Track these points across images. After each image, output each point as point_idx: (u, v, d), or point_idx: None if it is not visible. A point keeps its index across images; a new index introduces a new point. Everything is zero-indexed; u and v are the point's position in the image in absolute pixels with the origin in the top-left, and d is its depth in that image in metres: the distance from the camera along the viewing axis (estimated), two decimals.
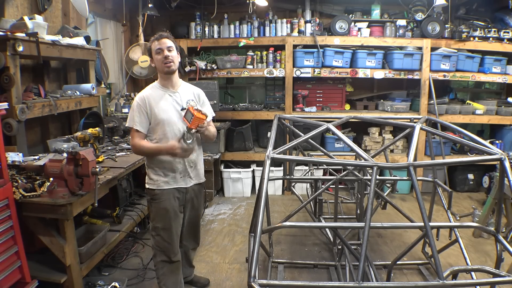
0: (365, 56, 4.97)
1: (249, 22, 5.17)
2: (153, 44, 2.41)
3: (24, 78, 2.94)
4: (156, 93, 2.43)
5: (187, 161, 2.48)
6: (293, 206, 4.66)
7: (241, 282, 3.02)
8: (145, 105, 2.38)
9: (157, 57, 2.38)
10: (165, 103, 2.41)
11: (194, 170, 2.55)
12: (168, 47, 2.38)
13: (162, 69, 2.39)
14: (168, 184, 2.45)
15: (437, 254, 1.63)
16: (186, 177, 2.51)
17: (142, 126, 2.38)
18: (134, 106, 2.40)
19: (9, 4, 2.99)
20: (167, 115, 2.39)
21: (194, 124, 2.24)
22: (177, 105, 2.45)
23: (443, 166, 4.80)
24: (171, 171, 2.45)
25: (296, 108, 5.20)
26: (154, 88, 2.47)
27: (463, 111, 5.09)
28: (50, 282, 2.39)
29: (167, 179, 2.45)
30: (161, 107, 2.39)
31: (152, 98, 2.40)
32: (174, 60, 2.39)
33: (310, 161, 3.65)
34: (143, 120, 2.39)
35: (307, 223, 3.81)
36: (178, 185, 2.48)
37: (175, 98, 2.45)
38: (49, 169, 2.27)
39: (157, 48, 2.38)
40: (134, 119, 2.38)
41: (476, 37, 4.94)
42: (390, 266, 2.26)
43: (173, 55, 2.39)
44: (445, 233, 2.87)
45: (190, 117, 2.23)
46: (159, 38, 2.39)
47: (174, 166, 2.45)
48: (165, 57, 2.35)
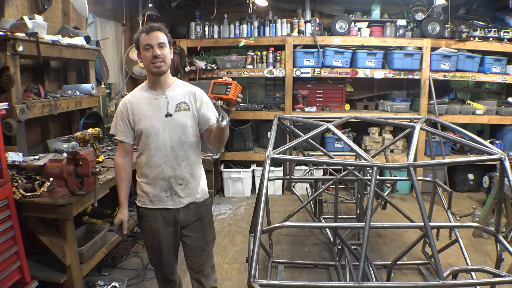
0: (365, 56, 4.97)
1: (249, 22, 5.17)
2: (141, 37, 1.98)
3: (24, 78, 2.94)
4: (142, 96, 2.06)
5: (173, 177, 2.04)
6: (293, 206, 4.66)
7: (241, 282, 3.02)
8: (126, 112, 2.05)
9: (145, 54, 1.97)
10: (148, 108, 2.02)
11: (186, 187, 2.08)
12: (160, 44, 1.96)
13: (149, 69, 1.99)
14: (152, 203, 2.08)
15: (437, 254, 1.63)
16: (173, 196, 2.07)
17: (125, 135, 2.06)
18: (117, 113, 2.10)
19: (9, 4, 2.99)
20: (148, 123, 2.00)
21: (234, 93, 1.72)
22: (163, 109, 2.02)
23: (443, 166, 4.81)
24: (153, 188, 2.06)
25: (296, 108, 5.20)
26: (140, 91, 2.10)
27: (463, 111, 5.09)
28: (50, 282, 2.39)
29: (150, 197, 2.08)
30: (143, 114, 2.02)
31: (134, 103, 2.05)
32: (165, 59, 1.98)
33: (310, 161, 3.66)
34: (125, 129, 2.06)
35: (307, 223, 3.81)
36: (165, 205, 2.08)
37: (161, 102, 2.03)
38: (49, 169, 2.26)
39: (145, 44, 1.96)
40: (117, 128, 2.08)
41: (476, 37, 4.94)
42: (390, 266, 2.26)
43: (164, 53, 1.97)
44: (445, 233, 2.87)
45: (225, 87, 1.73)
46: (149, 30, 1.96)
47: (157, 183, 2.05)
48: (155, 56, 1.94)
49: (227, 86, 1.72)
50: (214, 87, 1.76)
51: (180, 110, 2.05)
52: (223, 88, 1.73)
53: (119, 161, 2.10)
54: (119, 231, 2.12)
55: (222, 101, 1.73)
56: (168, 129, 2.01)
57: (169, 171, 2.03)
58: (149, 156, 2.03)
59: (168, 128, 2.01)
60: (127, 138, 2.08)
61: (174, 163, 2.04)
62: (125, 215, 2.11)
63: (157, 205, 2.08)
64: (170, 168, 2.03)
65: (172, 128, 2.02)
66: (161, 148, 2.01)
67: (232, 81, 1.73)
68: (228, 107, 1.75)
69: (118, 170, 2.11)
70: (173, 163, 2.03)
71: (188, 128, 2.05)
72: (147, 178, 2.06)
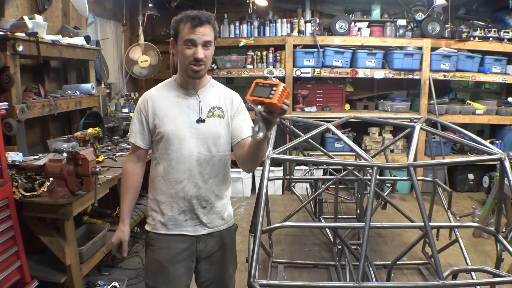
0: (365, 56, 4.97)
1: (249, 22, 5.17)
2: (184, 28, 1.57)
3: (24, 78, 2.94)
4: (167, 93, 1.71)
5: (196, 197, 1.68)
6: (293, 206, 4.66)
7: (241, 282, 3.02)
8: (146, 109, 1.70)
9: (185, 52, 1.57)
10: (174, 109, 1.67)
11: (210, 211, 1.71)
12: (206, 42, 1.57)
13: (185, 69, 1.62)
14: (165, 227, 1.69)
15: (437, 254, 1.63)
16: (194, 220, 1.70)
17: (140, 138, 1.72)
18: (135, 111, 1.76)
19: (9, 4, 2.99)
20: (173, 127, 1.64)
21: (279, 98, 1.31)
22: (192, 113, 1.66)
23: (443, 166, 4.81)
24: (169, 208, 1.69)
25: (296, 108, 5.20)
26: (166, 86, 1.74)
27: (463, 111, 5.09)
28: (50, 282, 2.39)
29: (164, 220, 1.69)
30: (167, 114, 1.66)
31: (157, 100, 1.69)
32: (207, 63, 1.62)
33: (310, 161, 3.66)
34: (142, 130, 1.72)
35: (307, 223, 3.81)
36: (182, 231, 1.69)
37: (191, 103, 1.68)
38: (49, 169, 2.26)
39: (187, 39, 1.56)
40: (132, 128, 1.75)
41: (476, 37, 4.95)
42: (390, 266, 2.26)
43: (208, 55, 1.61)
44: (445, 233, 2.87)
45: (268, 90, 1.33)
46: (196, 24, 1.54)
47: (175, 202, 1.68)
48: (196, 59, 1.57)
49: (272, 88, 1.34)
50: (255, 88, 1.39)
51: (213, 116, 1.69)
52: (266, 90, 1.35)
53: (129, 166, 1.77)
54: (118, 252, 1.77)
55: (263, 106, 1.35)
56: (196, 138, 1.65)
57: (192, 189, 1.67)
58: (168, 168, 1.66)
59: (196, 136, 1.65)
60: (142, 141, 1.72)
61: (199, 180, 1.67)
62: (125, 233, 1.75)
63: (171, 230, 1.69)
64: (193, 186, 1.67)
65: (201, 137, 1.65)
66: (185, 160, 1.64)
67: (279, 82, 1.37)
68: (270, 116, 1.34)
69: (126, 176, 1.77)
70: (198, 180, 1.67)
71: (221, 139, 1.69)
72: (163, 196, 1.69)
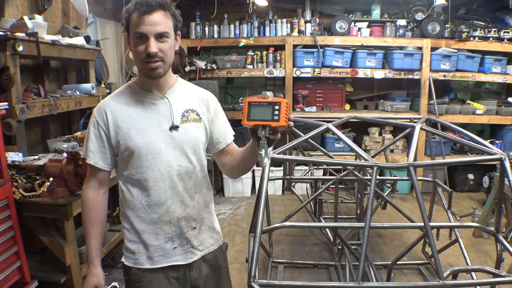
0: (365, 56, 4.97)
1: (249, 22, 5.17)
2: (133, 18, 1.32)
3: (24, 78, 2.94)
4: (128, 100, 1.42)
5: (183, 218, 1.45)
6: (293, 206, 4.66)
7: (241, 282, 3.02)
8: (104, 122, 1.39)
9: (137, 48, 1.33)
10: (141, 118, 1.40)
11: (199, 232, 1.51)
12: (159, 34, 1.31)
13: (141, 69, 1.38)
14: (151, 261, 1.44)
15: (437, 254, 1.62)
16: (184, 246, 1.47)
17: (101, 158, 1.42)
18: (89, 125, 1.43)
19: (9, 4, 2.99)
20: (144, 139, 1.38)
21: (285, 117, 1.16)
22: (163, 119, 1.41)
23: (443, 166, 4.80)
24: (153, 237, 1.44)
25: (296, 108, 5.20)
26: (126, 92, 1.45)
27: (463, 111, 5.09)
28: (50, 282, 2.39)
29: (149, 253, 1.44)
30: (133, 125, 1.39)
31: (118, 110, 1.40)
32: (165, 59, 1.35)
33: (310, 161, 3.66)
34: (102, 147, 1.41)
35: (307, 223, 3.81)
36: (171, 261, 1.46)
37: (160, 108, 1.42)
38: (49, 169, 2.26)
39: (136, 32, 1.31)
40: (88, 146, 1.42)
41: (476, 37, 4.94)
42: (390, 266, 2.26)
43: (165, 49, 1.33)
44: (445, 233, 2.87)
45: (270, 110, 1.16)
46: (145, 10, 1.29)
47: (160, 229, 1.43)
48: (148, 54, 1.31)
49: (274, 107, 1.15)
50: (251, 110, 1.18)
51: (188, 120, 1.45)
52: (267, 110, 1.16)
53: (90, 195, 1.45)
54: None
55: (266, 129, 1.17)
56: (173, 148, 1.41)
57: (178, 209, 1.44)
58: (145, 190, 1.41)
59: (173, 146, 1.41)
60: (103, 161, 1.42)
61: (185, 197, 1.45)
62: (99, 277, 1.48)
63: (159, 263, 1.45)
64: (179, 206, 1.44)
65: (178, 147, 1.42)
66: (163, 176, 1.40)
67: (280, 98, 1.17)
68: (273, 136, 1.19)
69: (88, 207, 1.44)
70: (184, 198, 1.45)
71: (200, 147, 1.48)
72: (142, 223, 1.43)
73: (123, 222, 1.50)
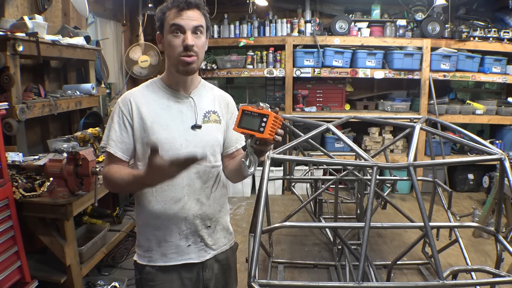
0: (365, 56, 4.97)
1: (249, 22, 5.17)
2: (169, 13, 1.36)
3: (24, 78, 2.93)
4: (154, 95, 1.45)
5: (199, 216, 1.46)
6: (293, 206, 4.66)
7: (241, 282, 3.01)
8: (129, 112, 1.41)
9: (172, 41, 1.35)
10: (165, 114, 1.42)
11: (214, 231, 1.53)
12: (196, 28, 1.35)
13: (175, 63, 1.38)
14: (165, 258, 1.45)
15: (437, 254, 1.62)
16: (198, 244, 1.48)
17: (121, 147, 1.41)
18: (114, 113, 1.43)
19: (9, 4, 2.99)
20: (166, 135, 1.40)
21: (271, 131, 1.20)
22: (186, 119, 1.44)
23: (443, 166, 4.81)
24: (168, 234, 1.44)
25: (296, 108, 5.20)
26: (152, 87, 1.47)
27: (463, 111, 5.09)
28: (50, 282, 2.39)
29: (163, 250, 1.45)
30: (157, 120, 1.41)
31: (143, 102, 1.42)
32: (199, 55, 1.39)
33: (310, 161, 3.65)
34: (124, 137, 1.41)
35: (307, 223, 3.81)
36: (185, 259, 1.46)
37: (184, 108, 1.45)
38: (49, 169, 2.26)
39: (173, 24, 1.34)
40: (110, 134, 1.42)
41: (476, 37, 4.95)
42: (390, 266, 2.26)
43: (199, 45, 1.37)
44: (445, 233, 2.87)
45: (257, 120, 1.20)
46: (183, 6, 1.33)
47: (174, 226, 1.44)
48: (186, 47, 1.34)
49: (261, 118, 1.19)
50: (242, 117, 1.22)
51: (210, 121, 1.48)
52: (255, 120, 1.20)
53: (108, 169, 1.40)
54: None
55: (253, 139, 1.22)
56: (194, 146, 1.42)
57: (194, 207, 1.45)
58: (161, 185, 1.38)
59: (194, 144, 1.43)
60: (123, 152, 1.41)
61: (202, 195, 1.46)
62: None
63: (173, 261, 1.45)
64: (195, 203, 1.45)
65: (199, 146, 1.44)
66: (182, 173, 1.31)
67: (269, 111, 1.20)
68: (261, 147, 1.24)
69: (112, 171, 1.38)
70: (200, 196, 1.46)
71: (218, 148, 1.52)
72: (157, 219, 1.43)
73: (137, 219, 1.51)
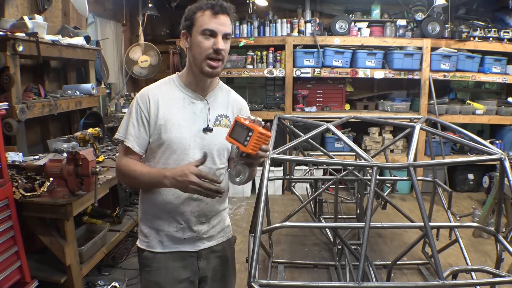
0: (365, 56, 4.97)
1: (249, 22, 5.17)
2: (203, 15, 1.39)
3: (24, 78, 2.94)
4: (171, 93, 1.49)
5: (195, 213, 1.51)
6: (293, 206, 4.66)
7: (241, 282, 3.02)
8: (147, 108, 1.45)
9: (203, 43, 1.39)
10: (179, 114, 1.46)
11: (210, 225, 1.56)
12: (226, 34, 1.41)
13: (201, 64, 1.41)
14: (162, 245, 1.51)
15: (437, 254, 1.63)
16: (194, 237, 1.53)
17: (138, 142, 1.46)
18: (132, 108, 1.48)
19: (9, 4, 2.99)
20: (177, 134, 1.44)
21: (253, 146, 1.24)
22: (199, 120, 1.48)
23: (443, 166, 4.81)
24: (166, 224, 1.51)
25: (296, 108, 5.20)
26: (169, 85, 1.51)
27: (463, 111, 5.09)
28: (50, 282, 2.39)
29: (161, 238, 1.52)
30: (171, 119, 1.45)
31: (160, 100, 1.46)
32: (224, 59, 1.44)
33: (310, 161, 3.66)
34: (141, 133, 1.46)
35: (307, 223, 3.81)
36: (181, 248, 1.52)
37: (198, 109, 1.49)
38: (49, 169, 2.26)
39: (207, 29, 1.38)
40: (128, 129, 1.46)
41: (476, 37, 4.95)
42: (390, 266, 2.26)
43: (227, 49, 1.43)
44: (445, 233, 2.87)
45: (245, 133, 1.24)
46: (219, 10, 1.38)
47: (173, 218, 1.50)
48: (216, 51, 1.39)
49: (248, 132, 1.23)
50: (235, 128, 1.26)
51: (220, 125, 1.51)
52: (243, 133, 1.24)
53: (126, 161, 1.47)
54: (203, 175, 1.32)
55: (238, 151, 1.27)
56: (200, 148, 1.46)
57: (192, 204, 1.49)
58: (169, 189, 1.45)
59: (201, 146, 1.46)
60: (139, 146, 1.47)
61: None
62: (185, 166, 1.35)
63: (169, 248, 1.52)
64: (194, 201, 1.49)
65: (206, 148, 1.46)
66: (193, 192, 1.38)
67: (256, 127, 1.22)
68: (248, 160, 1.29)
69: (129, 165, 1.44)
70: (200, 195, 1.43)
71: (226, 152, 1.55)
72: (158, 210, 1.50)
73: (141, 205, 1.57)
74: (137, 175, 1.42)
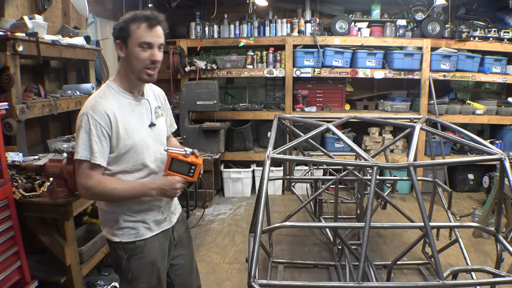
0: (365, 56, 4.97)
1: (249, 22, 5.17)
2: (139, 28, 1.52)
3: (24, 78, 2.94)
4: (119, 102, 1.61)
5: None
6: (293, 206, 4.66)
7: (241, 282, 3.02)
8: (108, 124, 1.54)
9: (140, 55, 1.54)
10: (133, 118, 1.63)
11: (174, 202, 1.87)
12: (160, 44, 1.58)
13: (139, 74, 1.58)
14: (150, 230, 1.71)
15: (437, 254, 1.63)
16: (170, 215, 1.82)
17: (103, 157, 1.55)
18: (89, 126, 1.51)
19: (9, 4, 2.99)
20: (139, 136, 1.62)
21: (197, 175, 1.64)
22: (146, 118, 1.69)
23: (443, 166, 4.80)
24: (150, 212, 1.71)
25: (296, 108, 5.20)
26: (113, 95, 1.61)
27: (463, 111, 5.09)
28: (50, 282, 2.39)
29: (148, 224, 1.71)
30: (129, 125, 1.60)
31: (116, 111, 1.57)
32: (159, 67, 1.63)
33: (310, 161, 3.66)
34: (104, 147, 1.54)
35: (307, 223, 3.81)
36: (163, 227, 1.77)
37: (143, 109, 1.69)
38: (49, 169, 2.26)
39: (144, 42, 1.53)
40: (92, 147, 1.51)
41: (476, 37, 4.94)
42: (390, 266, 2.26)
43: (161, 58, 1.61)
44: (445, 233, 2.87)
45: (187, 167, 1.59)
46: (155, 23, 1.54)
47: (153, 206, 1.71)
48: (153, 62, 1.57)
49: (191, 167, 1.58)
50: (173, 163, 1.58)
51: (159, 116, 1.77)
52: (185, 167, 1.59)
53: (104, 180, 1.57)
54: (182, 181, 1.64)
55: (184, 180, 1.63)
56: (155, 141, 1.70)
57: None
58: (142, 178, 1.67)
59: (155, 139, 1.70)
60: (105, 160, 1.57)
61: None
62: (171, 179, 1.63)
63: (155, 231, 1.73)
64: None
65: (158, 141, 1.73)
66: (153, 165, 1.69)
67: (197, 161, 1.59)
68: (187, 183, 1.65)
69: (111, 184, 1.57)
70: None
71: (164, 137, 1.81)
72: (140, 205, 1.67)
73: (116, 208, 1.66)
74: (117, 193, 1.57)
